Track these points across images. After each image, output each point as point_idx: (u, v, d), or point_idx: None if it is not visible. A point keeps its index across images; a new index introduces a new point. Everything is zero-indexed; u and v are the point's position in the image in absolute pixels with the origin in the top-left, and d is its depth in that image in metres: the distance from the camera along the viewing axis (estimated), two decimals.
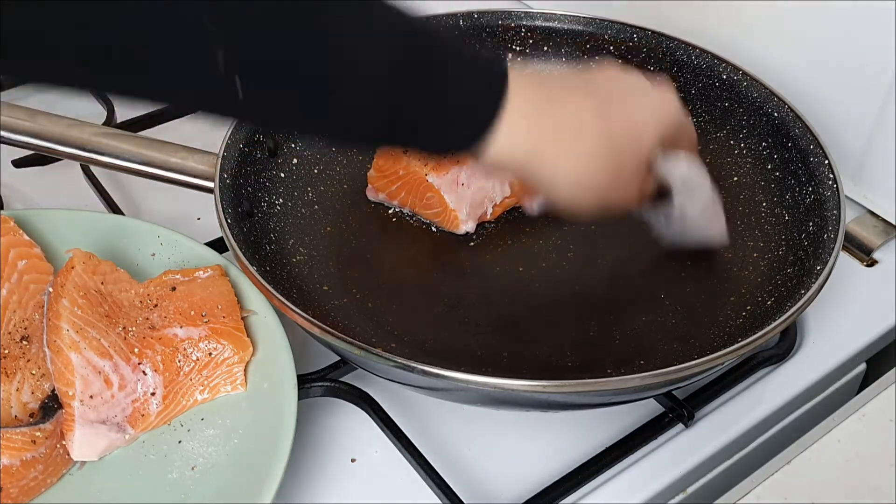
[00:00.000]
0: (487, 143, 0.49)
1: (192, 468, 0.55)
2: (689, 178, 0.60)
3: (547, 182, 0.53)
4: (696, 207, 0.62)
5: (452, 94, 0.48)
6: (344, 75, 0.45)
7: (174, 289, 0.61)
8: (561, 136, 0.51)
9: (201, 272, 0.62)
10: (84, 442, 0.55)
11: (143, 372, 0.58)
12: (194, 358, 0.58)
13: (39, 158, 0.79)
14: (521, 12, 0.80)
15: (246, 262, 0.59)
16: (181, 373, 0.58)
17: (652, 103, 0.55)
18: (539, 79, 0.52)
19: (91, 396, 0.55)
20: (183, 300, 0.60)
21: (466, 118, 0.49)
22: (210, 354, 0.58)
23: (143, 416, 0.57)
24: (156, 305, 0.60)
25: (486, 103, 0.49)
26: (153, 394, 0.58)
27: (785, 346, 0.65)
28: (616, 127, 0.53)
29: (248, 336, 0.60)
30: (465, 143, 0.50)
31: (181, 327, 0.59)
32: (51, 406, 0.57)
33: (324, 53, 0.43)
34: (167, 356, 0.58)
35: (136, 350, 0.58)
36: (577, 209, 0.54)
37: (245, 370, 0.59)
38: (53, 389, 0.57)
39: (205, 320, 0.59)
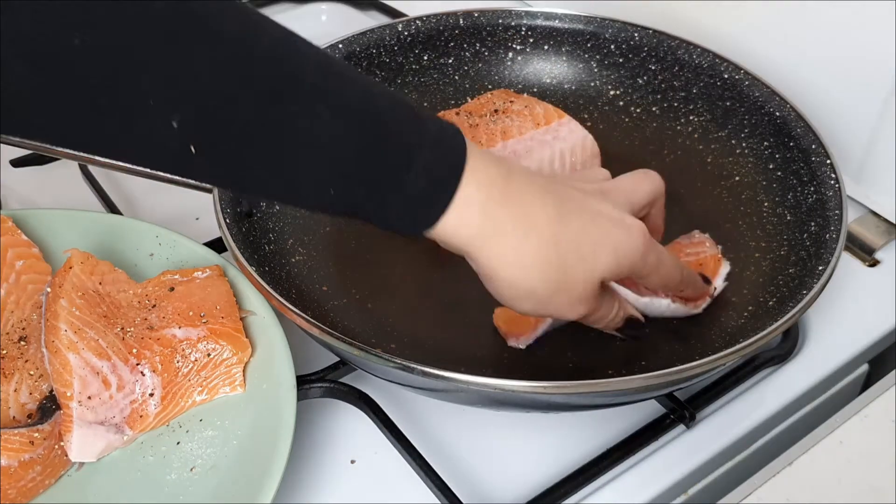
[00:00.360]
0: (435, 225, 0.48)
1: (191, 469, 0.55)
2: (670, 312, 0.61)
3: (485, 275, 0.50)
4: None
5: (408, 184, 0.46)
6: (299, 156, 0.44)
7: (172, 289, 0.61)
8: (507, 230, 0.48)
9: (200, 272, 0.62)
10: (82, 443, 0.55)
11: (142, 373, 0.57)
12: (193, 359, 0.58)
13: (37, 158, 0.79)
14: (522, 11, 0.80)
15: (244, 263, 0.58)
16: (180, 374, 0.58)
17: (617, 235, 0.51)
18: (501, 169, 0.49)
19: (89, 397, 0.55)
20: (181, 300, 0.60)
21: (418, 209, 0.47)
22: (209, 355, 0.58)
23: (141, 417, 0.57)
24: (154, 306, 0.60)
25: (438, 198, 0.47)
26: (151, 395, 0.57)
27: (787, 347, 0.64)
28: (568, 238, 0.49)
29: (247, 337, 0.59)
30: (414, 228, 0.48)
31: (179, 328, 0.58)
32: (49, 407, 0.57)
33: (280, 133, 0.43)
34: (165, 357, 0.58)
35: (134, 351, 0.58)
36: (516, 308, 0.52)
37: (244, 371, 0.59)
38: (51, 390, 0.57)
39: (203, 321, 0.59)
